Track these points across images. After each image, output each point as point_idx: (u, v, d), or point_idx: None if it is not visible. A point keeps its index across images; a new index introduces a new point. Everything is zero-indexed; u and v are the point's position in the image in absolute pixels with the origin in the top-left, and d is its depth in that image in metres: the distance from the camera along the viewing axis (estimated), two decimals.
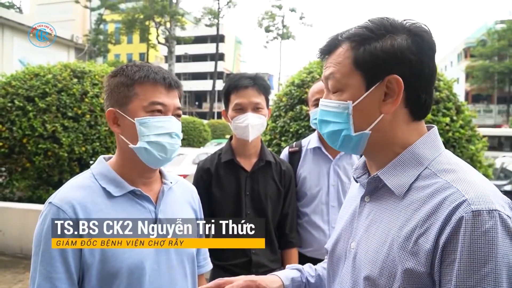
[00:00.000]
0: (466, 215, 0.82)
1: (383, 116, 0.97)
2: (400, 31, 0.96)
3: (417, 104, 0.98)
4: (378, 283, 0.93)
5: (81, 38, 27.18)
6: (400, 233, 0.92)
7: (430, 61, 0.97)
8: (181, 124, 1.39)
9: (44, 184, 6.92)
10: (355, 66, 0.98)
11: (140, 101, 1.30)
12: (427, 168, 0.96)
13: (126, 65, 1.36)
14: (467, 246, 0.81)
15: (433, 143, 1.00)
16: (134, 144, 1.31)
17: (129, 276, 1.25)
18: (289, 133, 4.66)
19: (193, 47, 51.29)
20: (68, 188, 1.29)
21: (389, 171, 1.00)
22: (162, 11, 35.55)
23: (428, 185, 0.92)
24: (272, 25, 45.94)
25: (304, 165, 2.38)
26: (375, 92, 0.97)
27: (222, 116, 2.23)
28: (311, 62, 5.16)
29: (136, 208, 1.32)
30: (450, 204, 0.85)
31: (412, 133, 1.00)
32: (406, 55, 0.94)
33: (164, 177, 1.48)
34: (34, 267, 1.21)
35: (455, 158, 0.98)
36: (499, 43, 39.78)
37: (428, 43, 0.96)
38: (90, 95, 6.71)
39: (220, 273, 2.04)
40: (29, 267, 4.22)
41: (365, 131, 0.99)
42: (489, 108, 43.85)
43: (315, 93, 2.30)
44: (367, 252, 0.99)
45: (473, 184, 0.88)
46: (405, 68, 0.94)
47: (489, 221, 0.81)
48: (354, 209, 1.12)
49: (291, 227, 2.22)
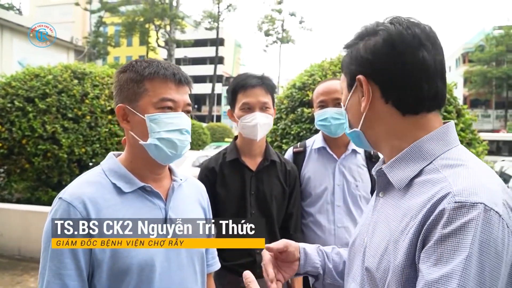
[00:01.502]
0: (448, 205, 0.81)
1: (366, 114, 1.04)
2: (372, 34, 1.01)
3: (400, 99, 0.99)
4: (375, 277, 0.95)
5: (81, 40, 27.21)
6: (398, 228, 0.92)
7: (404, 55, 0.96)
8: (190, 120, 1.38)
9: (43, 186, 6.90)
10: (343, 71, 1.11)
11: (150, 97, 1.29)
12: (431, 163, 0.95)
13: (135, 60, 1.35)
14: (444, 236, 0.80)
15: (443, 138, 0.98)
16: (144, 140, 1.30)
17: (140, 273, 1.23)
18: (290, 135, 4.65)
19: (193, 50, 51.38)
20: (79, 183, 1.28)
21: (393, 165, 1.01)
22: (162, 14, 35.65)
23: (428, 180, 0.92)
24: (271, 29, 46.05)
25: (308, 165, 2.37)
26: (355, 93, 1.06)
27: (227, 115, 2.21)
28: (312, 65, 5.16)
29: (146, 205, 1.31)
30: (438, 196, 0.85)
31: (415, 128, 0.99)
32: (362, 55, 1.01)
33: (173, 174, 1.47)
34: (43, 263, 1.19)
35: (467, 155, 0.96)
36: (497, 48, 39.96)
37: (392, 40, 0.97)
38: (91, 96, 6.70)
39: (224, 273, 2.03)
40: (27, 269, 4.18)
41: (356, 129, 1.08)
42: (487, 113, 43.95)
43: (320, 95, 2.29)
44: (371, 246, 1.01)
45: (466, 178, 0.86)
46: (365, 68, 1.01)
47: (470, 214, 0.79)
48: (372, 205, 1.14)
49: (295, 227, 2.21)
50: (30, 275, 4.99)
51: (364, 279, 1.02)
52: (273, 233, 2.12)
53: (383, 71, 0.99)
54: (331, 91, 2.24)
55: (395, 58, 0.97)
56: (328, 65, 4.82)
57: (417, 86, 0.97)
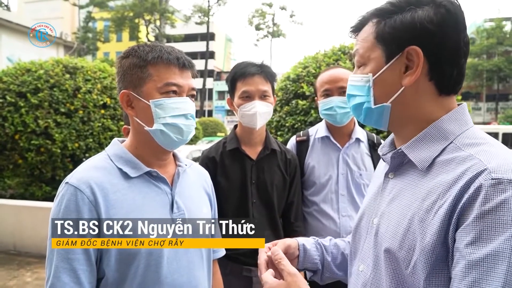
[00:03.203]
0: (485, 182, 0.80)
1: (404, 89, 0.98)
2: (423, 3, 0.96)
3: (443, 77, 0.97)
4: (397, 256, 0.93)
5: (70, 36, 26.92)
6: (421, 206, 0.91)
7: (455, 34, 0.95)
8: (195, 105, 1.38)
9: (36, 181, 6.85)
10: (377, 40, 1.00)
11: (154, 82, 1.28)
12: (452, 142, 0.95)
13: (137, 45, 1.34)
14: (483, 213, 0.79)
15: (461, 118, 0.99)
16: (149, 126, 1.29)
17: (148, 257, 1.23)
18: (285, 127, 4.67)
19: (183, 45, 50.96)
20: (85, 168, 1.27)
21: (413, 145, 0.99)
22: (151, 9, 35.42)
23: (452, 159, 0.92)
24: (262, 23, 46.00)
25: (312, 154, 2.37)
26: (396, 64, 0.98)
27: (227, 103, 2.21)
28: (306, 57, 5.16)
29: (152, 189, 1.31)
30: (471, 173, 0.84)
31: (439, 108, 0.99)
32: (425, 26, 0.93)
33: (178, 159, 1.47)
34: (51, 248, 1.19)
35: (483, 134, 0.97)
36: (488, 41, 40.22)
37: (453, 15, 0.95)
38: (83, 90, 6.65)
39: (227, 263, 2.04)
40: (23, 263, 4.16)
41: (385, 104, 1.01)
42: (478, 106, 44.30)
43: (324, 83, 2.26)
44: (388, 226, 0.99)
45: (496, 155, 0.86)
46: (425, 40, 0.94)
47: (509, 190, 0.79)
48: (378, 186, 1.12)
49: (296, 215, 2.21)
50: (26, 270, 4.97)
51: (379, 260, 1.00)
52: (274, 221, 2.12)
53: (441, 46, 0.95)
54: (336, 80, 2.21)
55: (454, 33, 0.95)
56: (322, 57, 4.83)
57: (458, 66, 0.97)
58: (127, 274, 1.22)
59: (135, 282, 1.22)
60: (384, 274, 0.98)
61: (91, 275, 1.19)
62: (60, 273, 1.15)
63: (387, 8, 0.98)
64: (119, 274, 1.22)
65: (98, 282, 1.23)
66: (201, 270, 1.40)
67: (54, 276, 1.16)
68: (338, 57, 4.69)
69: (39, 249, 5.36)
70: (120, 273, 1.22)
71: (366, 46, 1.02)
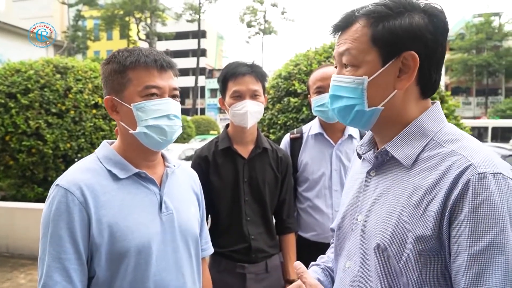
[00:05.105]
0: (472, 177, 0.86)
1: (396, 92, 1.01)
2: (417, 10, 0.99)
3: (429, 81, 1.03)
4: (389, 251, 0.96)
5: (60, 34, 26.71)
6: (409, 202, 0.95)
7: (444, 41, 1.01)
8: (179, 105, 1.40)
9: (28, 182, 6.80)
10: (372, 42, 1.00)
11: (135, 86, 1.31)
12: (432, 139, 1.00)
13: (118, 51, 1.37)
14: (475, 207, 0.84)
15: (437, 116, 1.04)
16: (133, 129, 1.32)
17: (137, 256, 1.27)
18: (277, 125, 4.68)
19: (175, 43, 50.92)
20: (75, 170, 1.30)
21: (396, 143, 1.03)
22: (142, 7, 35.22)
23: (435, 155, 0.96)
24: (254, 20, 45.94)
25: (305, 151, 2.41)
26: (391, 68, 1.00)
27: (218, 103, 2.23)
28: (298, 55, 5.17)
29: (141, 190, 1.35)
30: (457, 169, 0.89)
31: (419, 108, 1.04)
32: (423, 33, 0.97)
33: (166, 160, 1.50)
34: (43, 248, 1.22)
35: (459, 130, 1.03)
36: (477, 36, 40.51)
37: (443, 23, 1.00)
38: (74, 90, 6.60)
39: (220, 260, 2.07)
40: (16, 265, 4.16)
41: (377, 107, 1.03)
42: (468, 101, 44.64)
43: (317, 81, 2.30)
44: (377, 222, 1.02)
45: (477, 151, 0.92)
46: (421, 46, 0.98)
47: (495, 183, 0.85)
48: (359, 184, 1.15)
49: (288, 212, 2.25)
50: (20, 272, 4.95)
51: (367, 256, 1.03)
52: (267, 219, 2.15)
53: (433, 51, 0.99)
54: (329, 77, 2.21)
55: (444, 41, 1.01)
56: (313, 54, 4.84)
57: (440, 70, 1.03)
58: (117, 273, 1.26)
59: (125, 280, 1.26)
60: (373, 269, 1.00)
61: (82, 274, 1.23)
62: (52, 272, 1.18)
63: (383, 11, 0.99)
64: (110, 273, 1.25)
65: (89, 281, 1.26)
66: (189, 268, 1.43)
67: (47, 275, 1.18)
68: (329, 54, 4.70)
69: (32, 250, 5.32)
70: (110, 272, 1.25)
71: (360, 48, 1.02)
